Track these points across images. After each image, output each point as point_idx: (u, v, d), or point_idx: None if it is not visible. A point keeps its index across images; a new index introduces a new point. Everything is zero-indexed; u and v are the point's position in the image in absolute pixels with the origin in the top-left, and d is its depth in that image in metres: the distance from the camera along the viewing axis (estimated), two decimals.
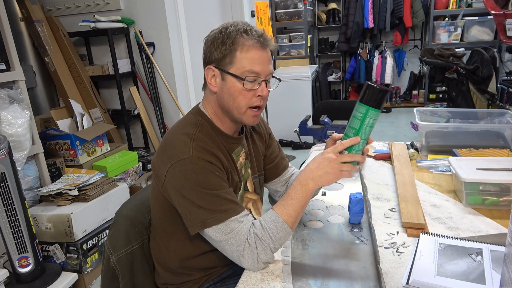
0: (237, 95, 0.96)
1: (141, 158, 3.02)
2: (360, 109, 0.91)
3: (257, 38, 0.94)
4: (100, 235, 2.19)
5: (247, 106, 0.97)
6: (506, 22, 3.22)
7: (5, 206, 1.73)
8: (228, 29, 0.95)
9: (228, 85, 0.96)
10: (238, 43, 0.93)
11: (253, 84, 0.95)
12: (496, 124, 1.66)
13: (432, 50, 3.42)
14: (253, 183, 1.13)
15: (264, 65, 0.95)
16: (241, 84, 0.94)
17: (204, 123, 1.01)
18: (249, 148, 1.12)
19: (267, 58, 0.97)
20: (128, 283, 1.08)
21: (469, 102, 3.21)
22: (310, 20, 5.18)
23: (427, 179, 1.39)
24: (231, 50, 0.94)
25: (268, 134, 1.21)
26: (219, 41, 0.95)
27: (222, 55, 0.95)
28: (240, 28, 0.95)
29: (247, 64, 0.93)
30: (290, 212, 0.92)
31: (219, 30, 0.97)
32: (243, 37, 0.94)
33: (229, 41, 0.94)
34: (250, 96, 0.96)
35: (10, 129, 1.94)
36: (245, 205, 1.11)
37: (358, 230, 1.08)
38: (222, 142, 1.01)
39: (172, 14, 3.12)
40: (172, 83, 3.21)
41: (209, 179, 0.91)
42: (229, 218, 0.90)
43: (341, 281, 0.86)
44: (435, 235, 1.00)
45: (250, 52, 0.94)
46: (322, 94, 5.19)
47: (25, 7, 2.80)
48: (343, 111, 2.24)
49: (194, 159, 0.91)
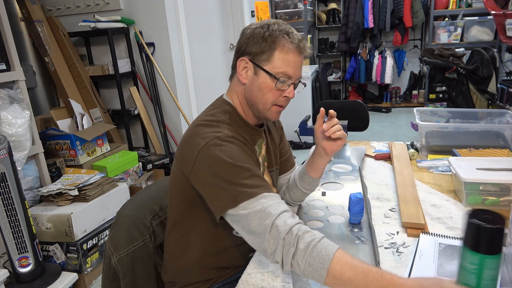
0: (266, 92, 0.98)
1: (141, 158, 3.02)
2: (472, 258, 0.66)
3: (297, 43, 0.97)
4: (100, 235, 2.19)
5: (273, 103, 1.00)
6: (506, 22, 3.22)
7: (5, 206, 1.73)
8: (271, 27, 0.97)
9: (259, 80, 0.98)
10: (279, 43, 0.96)
11: (283, 85, 0.98)
12: (496, 124, 1.67)
13: (432, 50, 3.42)
14: (270, 177, 1.13)
15: (297, 69, 0.99)
16: (273, 83, 0.97)
17: (232, 112, 1.02)
18: (267, 142, 1.13)
19: (300, 63, 1.00)
20: (129, 283, 1.08)
21: (469, 102, 3.22)
22: (310, 20, 5.18)
23: (427, 179, 1.39)
24: (270, 48, 0.96)
25: (281, 127, 1.24)
26: (260, 36, 0.96)
27: (260, 51, 0.96)
28: (283, 29, 0.97)
29: (282, 65, 0.96)
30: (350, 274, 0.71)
31: (261, 25, 0.98)
32: (284, 39, 0.96)
33: (271, 39, 0.96)
34: (278, 95, 0.99)
35: (10, 129, 1.94)
36: None
37: (358, 230, 1.08)
38: (248, 132, 1.03)
39: (172, 14, 3.12)
40: (172, 83, 3.21)
41: (243, 155, 0.91)
42: (261, 194, 0.84)
43: None
44: (435, 235, 1.00)
45: (289, 55, 0.97)
46: (322, 94, 5.19)
47: (25, 7, 2.80)
48: (343, 111, 2.24)
49: (228, 137, 0.92)
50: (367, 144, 1.79)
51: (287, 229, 0.78)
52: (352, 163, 1.57)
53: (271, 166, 1.14)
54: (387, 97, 5.74)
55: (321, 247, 0.74)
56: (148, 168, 3.03)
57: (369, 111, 2.28)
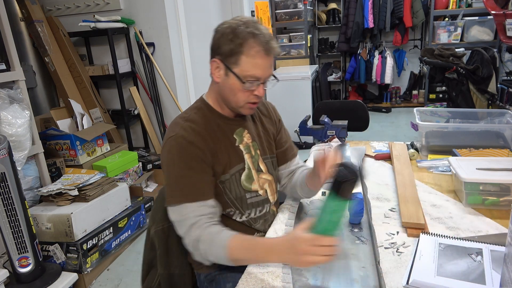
0: (236, 92, 1.02)
1: (141, 158, 3.02)
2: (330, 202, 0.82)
3: (264, 45, 0.98)
4: (100, 235, 2.19)
5: (245, 102, 1.05)
6: (506, 22, 3.22)
7: (5, 206, 1.73)
8: (237, 29, 0.98)
9: (230, 81, 1.02)
10: (245, 46, 0.97)
11: (252, 85, 1.01)
12: (496, 124, 1.67)
13: (432, 50, 3.42)
14: (265, 164, 1.17)
15: (265, 70, 1.01)
16: (241, 85, 1.01)
17: (202, 107, 1.11)
18: (258, 130, 1.17)
19: (269, 64, 1.02)
20: (162, 255, 1.16)
21: (469, 102, 3.21)
22: (310, 20, 5.18)
23: (427, 179, 1.39)
24: (238, 51, 0.98)
25: (278, 120, 1.27)
26: (228, 38, 0.99)
27: (229, 53, 0.99)
28: (249, 32, 0.98)
29: (250, 69, 0.99)
30: (241, 257, 0.94)
31: (230, 25, 1.00)
32: (250, 42, 0.97)
33: (237, 41, 0.98)
34: (247, 95, 1.03)
35: (10, 129, 1.94)
36: (262, 185, 1.15)
37: (358, 230, 1.08)
38: (221, 124, 1.09)
39: (172, 14, 3.12)
40: (172, 83, 3.21)
41: (183, 159, 1.00)
42: (184, 204, 0.98)
43: (341, 281, 0.86)
44: (435, 235, 1.00)
45: (255, 59, 0.98)
46: (322, 94, 5.19)
47: (25, 7, 2.80)
48: (343, 111, 2.24)
49: (177, 138, 1.01)
50: (367, 144, 1.79)
51: (196, 239, 0.96)
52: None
53: (265, 153, 1.18)
54: (387, 97, 5.74)
55: (218, 241, 0.94)
56: (148, 168, 3.04)
57: (369, 111, 2.28)
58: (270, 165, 1.19)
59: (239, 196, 1.10)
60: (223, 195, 1.09)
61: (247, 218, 1.13)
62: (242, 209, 1.11)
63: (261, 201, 1.14)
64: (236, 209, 1.11)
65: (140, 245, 2.49)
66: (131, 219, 2.46)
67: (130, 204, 2.49)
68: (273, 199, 1.19)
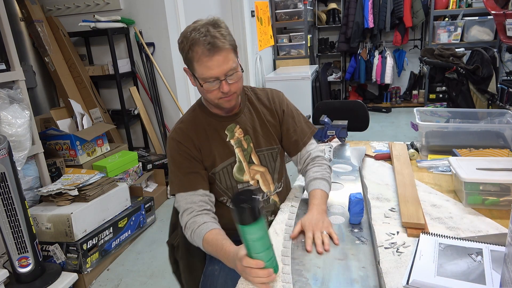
0: (206, 93, 1.11)
1: (141, 158, 3.02)
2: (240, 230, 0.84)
3: (206, 46, 1.01)
4: (100, 235, 2.19)
5: (217, 99, 1.11)
6: (506, 22, 3.22)
7: (5, 206, 1.73)
8: (185, 37, 1.05)
9: (198, 85, 1.11)
10: (193, 54, 1.04)
11: (214, 85, 1.07)
12: (496, 124, 1.66)
13: (432, 50, 3.42)
14: (258, 156, 1.24)
15: (219, 68, 1.04)
16: (203, 87, 1.08)
17: (196, 108, 1.23)
18: (254, 124, 1.24)
19: (220, 61, 1.04)
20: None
21: (469, 102, 3.21)
22: (310, 20, 5.18)
23: (427, 179, 1.39)
24: (189, 59, 1.06)
25: (282, 110, 1.29)
26: (181, 48, 1.08)
27: (186, 62, 1.09)
28: (192, 38, 1.02)
29: (204, 71, 1.05)
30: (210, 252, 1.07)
31: (184, 35, 1.06)
32: (194, 48, 1.03)
33: (186, 49, 1.05)
34: (216, 93, 1.09)
35: (10, 129, 1.94)
36: (253, 176, 1.23)
37: (358, 230, 1.08)
38: (213, 121, 1.20)
39: (172, 14, 3.12)
40: (172, 83, 3.21)
41: (174, 156, 1.17)
42: (179, 193, 1.15)
43: (341, 281, 0.86)
44: (435, 235, 1.00)
45: (203, 62, 1.03)
46: (322, 94, 5.19)
47: (25, 7, 2.80)
48: (343, 111, 2.24)
49: (169, 139, 1.19)
50: (367, 144, 1.79)
51: (183, 224, 1.12)
52: (352, 163, 1.57)
53: (259, 146, 1.24)
54: (387, 97, 5.74)
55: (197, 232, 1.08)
56: (148, 168, 3.04)
57: (369, 111, 2.28)
58: (264, 158, 1.25)
59: (230, 186, 1.21)
60: (215, 185, 1.21)
61: None
62: None
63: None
64: (228, 198, 1.23)
65: (140, 245, 2.49)
66: (131, 219, 2.46)
67: (130, 204, 2.49)
68: (267, 189, 1.26)
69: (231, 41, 1.06)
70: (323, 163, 1.28)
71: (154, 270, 2.22)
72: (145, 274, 2.19)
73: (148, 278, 2.15)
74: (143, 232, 2.62)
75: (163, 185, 3.15)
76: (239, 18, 3.95)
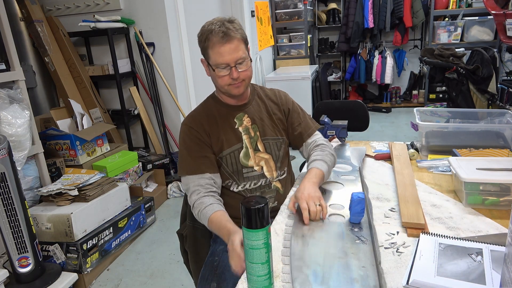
0: (217, 79, 1.24)
1: (141, 158, 3.02)
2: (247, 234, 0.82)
3: (220, 35, 1.16)
4: (100, 235, 2.19)
5: (226, 84, 1.23)
6: (506, 22, 3.22)
7: (5, 206, 1.73)
8: (203, 29, 1.20)
9: (211, 73, 1.25)
10: (208, 42, 1.18)
11: (225, 71, 1.20)
12: (496, 124, 1.66)
13: (432, 50, 3.42)
14: (263, 144, 1.34)
15: (230, 55, 1.18)
16: (215, 72, 1.21)
17: (209, 99, 1.36)
18: (261, 114, 1.35)
19: (231, 49, 1.18)
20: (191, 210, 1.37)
21: (469, 102, 3.21)
22: (310, 20, 5.18)
23: (427, 179, 1.39)
24: (205, 47, 1.20)
25: (288, 108, 1.42)
26: (199, 39, 1.22)
27: (203, 51, 1.23)
28: (209, 28, 1.18)
29: (217, 58, 1.19)
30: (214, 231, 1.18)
31: (201, 29, 1.21)
32: (210, 36, 1.17)
33: (202, 38, 1.20)
34: (226, 79, 1.22)
35: (10, 129, 1.94)
36: (258, 162, 1.33)
37: (358, 229, 1.08)
38: (223, 110, 1.32)
39: (172, 14, 3.12)
40: (172, 83, 3.21)
41: (185, 140, 1.28)
42: (187, 176, 1.25)
43: (341, 280, 0.86)
44: (435, 235, 1.00)
45: (216, 48, 1.18)
46: (322, 94, 5.19)
47: (25, 7, 2.80)
48: (343, 111, 2.24)
49: (182, 125, 1.31)
50: (367, 144, 1.79)
51: (191, 204, 1.23)
52: (352, 163, 1.57)
53: (265, 135, 1.34)
54: (387, 97, 5.74)
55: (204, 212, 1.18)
56: (148, 168, 3.04)
57: (369, 111, 2.28)
58: (269, 145, 1.35)
59: (235, 170, 1.31)
60: (222, 168, 1.31)
61: (242, 189, 1.32)
62: (239, 181, 1.32)
63: (257, 176, 1.33)
64: (233, 181, 1.32)
65: (140, 245, 2.49)
66: (131, 219, 2.46)
67: (130, 204, 2.49)
68: (270, 175, 1.35)
69: (242, 34, 1.21)
70: (326, 149, 1.36)
71: (154, 270, 2.22)
72: (145, 274, 2.19)
73: (148, 278, 2.15)
74: (143, 232, 2.62)
75: (163, 185, 3.15)
76: (239, 18, 3.95)
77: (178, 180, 3.17)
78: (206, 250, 1.37)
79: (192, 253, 1.43)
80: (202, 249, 1.40)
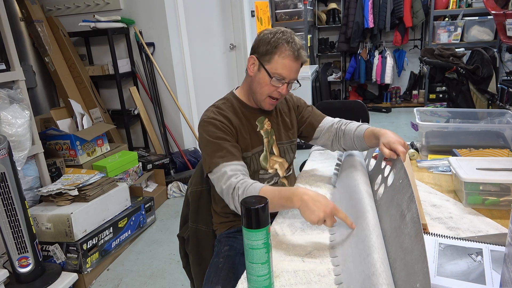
0: (263, 85, 1.23)
1: (141, 158, 3.02)
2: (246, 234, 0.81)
3: (295, 51, 1.18)
4: (100, 235, 2.19)
5: (268, 95, 1.24)
6: (506, 22, 3.22)
7: (5, 206, 1.73)
8: (277, 35, 1.19)
9: (260, 75, 1.23)
10: (279, 49, 1.18)
11: (278, 83, 1.21)
12: (496, 124, 1.66)
13: (432, 50, 3.42)
14: (278, 148, 1.37)
15: (291, 72, 1.21)
16: (269, 80, 1.21)
17: (230, 98, 1.32)
18: (277, 120, 1.37)
19: (295, 68, 1.22)
20: (194, 211, 1.40)
21: (469, 102, 3.21)
22: (310, 20, 5.18)
23: (427, 179, 1.39)
24: (272, 52, 1.19)
25: (297, 106, 1.44)
26: (267, 41, 1.20)
27: (265, 52, 1.20)
28: (285, 38, 1.19)
29: (279, 67, 1.19)
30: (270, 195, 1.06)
31: (270, 32, 1.21)
32: (284, 46, 1.18)
33: (274, 44, 1.19)
34: (272, 90, 1.23)
35: (10, 129, 1.94)
36: (272, 165, 1.35)
37: None
38: (245, 111, 1.31)
39: (172, 14, 3.12)
40: (172, 83, 3.21)
41: (216, 131, 1.21)
42: (222, 163, 1.16)
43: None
44: (435, 235, 1.00)
45: (285, 60, 1.19)
46: (322, 94, 5.19)
47: (25, 7, 2.80)
48: (343, 111, 2.24)
49: (209, 119, 1.24)
50: None
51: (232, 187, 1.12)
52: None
53: (280, 139, 1.36)
54: (387, 97, 5.74)
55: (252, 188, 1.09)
56: (148, 168, 3.04)
57: (369, 111, 2.28)
58: (282, 149, 1.38)
59: (254, 171, 1.31)
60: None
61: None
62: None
63: (270, 177, 1.35)
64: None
65: (140, 245, 2.49)
66: (131, 219, 2.46)
67: (130, 204, 2.49)
68: (282, 173, 1.38)
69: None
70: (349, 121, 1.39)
71: (154, 270, 2.22)
72: (145, 274, 2.19)
73: (148, 278, 2.15)
74: (143, 232, 2.62)
75: (163, 185, 3.15)
76: (239, 18, 3.95)
77: (178, 180, 3.17)
78: (209, 252, 1.37)
79: (195, 255, 1.41)
80: (205, 251, 1.39)
